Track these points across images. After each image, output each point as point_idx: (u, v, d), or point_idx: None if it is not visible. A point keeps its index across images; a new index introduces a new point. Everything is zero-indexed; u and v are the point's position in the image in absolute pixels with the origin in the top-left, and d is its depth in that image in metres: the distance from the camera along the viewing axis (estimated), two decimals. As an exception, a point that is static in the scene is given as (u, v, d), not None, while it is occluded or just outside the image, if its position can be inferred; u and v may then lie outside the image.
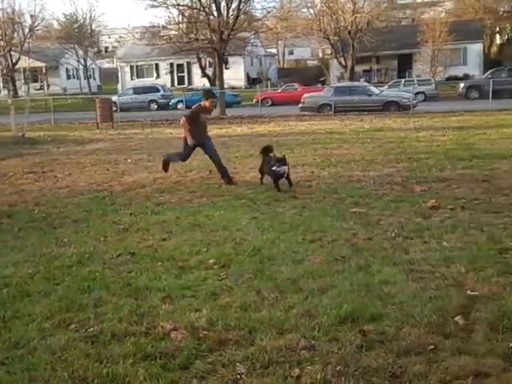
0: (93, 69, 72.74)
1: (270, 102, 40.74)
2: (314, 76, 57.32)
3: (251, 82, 60.92)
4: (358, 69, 53.26)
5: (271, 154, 10.82)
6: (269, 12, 43.10)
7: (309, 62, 76.64)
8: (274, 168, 10.18)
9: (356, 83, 39.18)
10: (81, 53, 65.70)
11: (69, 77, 68.70)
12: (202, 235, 7.47)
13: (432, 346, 4.15)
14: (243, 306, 4.99)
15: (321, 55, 70.46)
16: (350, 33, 46.79)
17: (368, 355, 4.07)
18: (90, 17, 73.71)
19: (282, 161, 10.21)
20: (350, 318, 4.63)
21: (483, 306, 4.80)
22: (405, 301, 4.97)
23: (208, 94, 11.92)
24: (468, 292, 5.13)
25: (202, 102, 11.42)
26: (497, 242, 6.61)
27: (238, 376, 3.87)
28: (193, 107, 11.86)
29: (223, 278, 5.77)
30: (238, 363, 4.01)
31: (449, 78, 50.32)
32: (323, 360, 4.03)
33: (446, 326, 4.46)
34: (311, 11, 55.07)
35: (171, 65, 61.94)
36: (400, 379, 3.77)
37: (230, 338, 4.40)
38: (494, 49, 65.26)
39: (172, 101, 43.54)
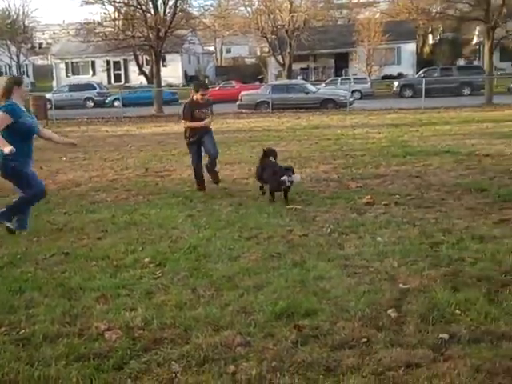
0: (26, 65, 71.13)
1: (207, 100, 40.53)
2: (251, 74, 57.54)
3: (189, 79, 60.62)
4: (296, 67, 53.69)
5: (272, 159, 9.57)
6: (206, 10, 43.16)
7: (247, 59, 76.79)
8: (283, 178, 8.70)
9: (293, 81, 39.56)
10: (13, 49, 64.21)
11: (1, 73, 66.91)
12: (137, 234, 7.38)
13: (365, 339, 4.21)
14: (179, 304, 4.96)
15: (259, 53, 70.66)
16: (287, 31, 47.11)
17: (303, 350, 4.10)
18: (23, 12, 72.20)
19: (291, 170, 8.95)
20: (286, 314, 4.65)
21: (414, 299, 4.90)
22: (339, 296, 5.03)
23: (198, 86, 10.26)
24: (400, 285, 5.24)
25: (194, 96, 9.96)
26: (428, 236, 6.77)
27: (173, 375, 3.83)
28: (183, 104, 10.33)
29: (159, 277, 5.72)
30: (173, 362, 3.98)
31: (384, 77, 51.33)
32: (258, 356, 4.03)
33: (378, 319, 4.53)
34: (249, 9, 55.23)
35: (107, 62, 61.08)
36: (334, 372, 3.81)
37: (166, 336, 4.37)
38: (427, 49, 66.86)
39: (108, 99, 42.96)
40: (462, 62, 61.02)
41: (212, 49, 76.98)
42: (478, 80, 37.72)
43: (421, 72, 43.32)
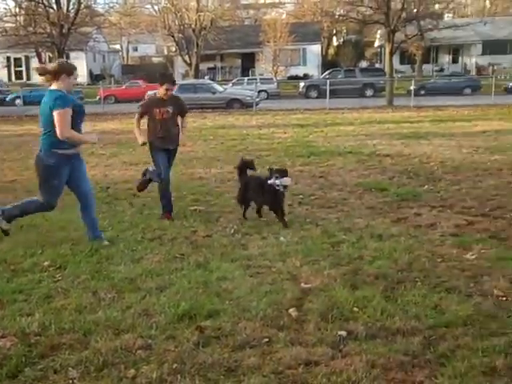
0: None
1: (113, 99, 39.95)
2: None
3: (94, 78, 59.47)
4: (203, 66, 53.71)
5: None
6: (112, 7, 42.38)
7: (154, 58, 76.02)
8: (271, 181, 7.25)
9: (200, 81, 39.54)
10: None
11: None
12: (37, 236, 7.15)
13: (266, 339, 4.25)
14: (78, 308, 4.85)
15: (166, 52, 70.14)
16: (194, 31, 47.04)
17: (204, 351, 4.10)
18: None
19: (284, 172, 7.46)
20: (188, 316, 4.64)
21: (315, 298, 4.99)
22: (242, 296, 5.06)
23: (163, 77, 8.14)
24: (302, 285, 5.33)
25: (158, 90, 8.18)
26: (330, 235, 6.92)
27: (71, 381, 3.75)
28: (144, 99, 8.48)
29: (58, 280, 5.58)
30: (70, 368, 3.89)
31: (290, 78, 52.10)
32: (159, 359, 4.00)
33: (280, 319, 4.59)
34: (155, 8, 54.82)
35: (8, 59, 58.88)
36: (235, 373, 3.84)
37: (64, 342, 4.26)
38: (332, 50, 68.34)
39: (9, 96, 41.51)
40: (364, 64, 62.74)
41: (118, 47, 75.69)
42: (379, 82, 38.88)
43: (325, 73, 44.24)
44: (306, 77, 51.95)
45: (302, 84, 43.07)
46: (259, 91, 36.24)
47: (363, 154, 13.50)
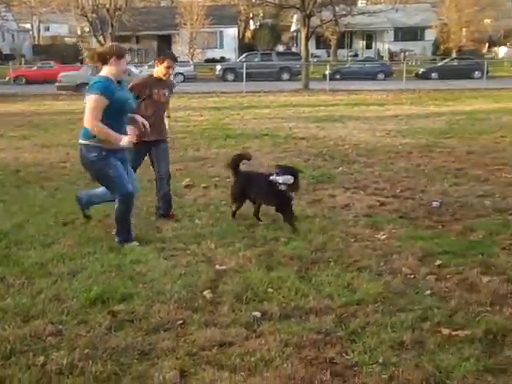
0: None
1: (24, 80, 38.68)
2: (72, 54, 55.55)
3: (3, 58, 57.35)
4: (118, 48, 52.62)
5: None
6: (21, -16, 40.97)
7: (66, 39, 73.83)
8: (272, 178, 6.41)
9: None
10: None
11: None
12: None
13: (181, 321, 4.23)
14: (-15, 296, 4.69)
15: (79, 33, 68.29)
16: (108, 11, 45.96)
17: (117, 336, 4.04)
18: None
19: (288, 170, 6.58)
20: (100, 300, 4.56)
21: (230, 279, 5.00)
22: (156, 279, 5.02)
23: (164, 54, 7.02)
24: (217, 267, 5.32)
25: (156, 68, 6.83)
26: (245, 217, 6.91)
27: (-24, 370, 3.62)
28: (136, 78, 7.41)
29: (-36, 267, 5.37)
30: (-25, 357, 3.76)
31: (207, 60, 51.99)
32: (70, 344, 3.92)
33: (194, 301, 4.58)
34: (68, -14, 53.17)
35: None
36: (148, 356, 3.80)
37: (-31, 330, 4.11)
38: (248, 34, 68.44)
39: None
40: (281, 47, 63.18)
41: (28, 26, 73.12)
42: (295, 66, 39.27)
43: (242, 56, 44.29)
44: (222, 60, 51.90)
45: (218, 67, 43.00)
46: (175, 74, 35.88)
47: (279, 137, 13.60)
